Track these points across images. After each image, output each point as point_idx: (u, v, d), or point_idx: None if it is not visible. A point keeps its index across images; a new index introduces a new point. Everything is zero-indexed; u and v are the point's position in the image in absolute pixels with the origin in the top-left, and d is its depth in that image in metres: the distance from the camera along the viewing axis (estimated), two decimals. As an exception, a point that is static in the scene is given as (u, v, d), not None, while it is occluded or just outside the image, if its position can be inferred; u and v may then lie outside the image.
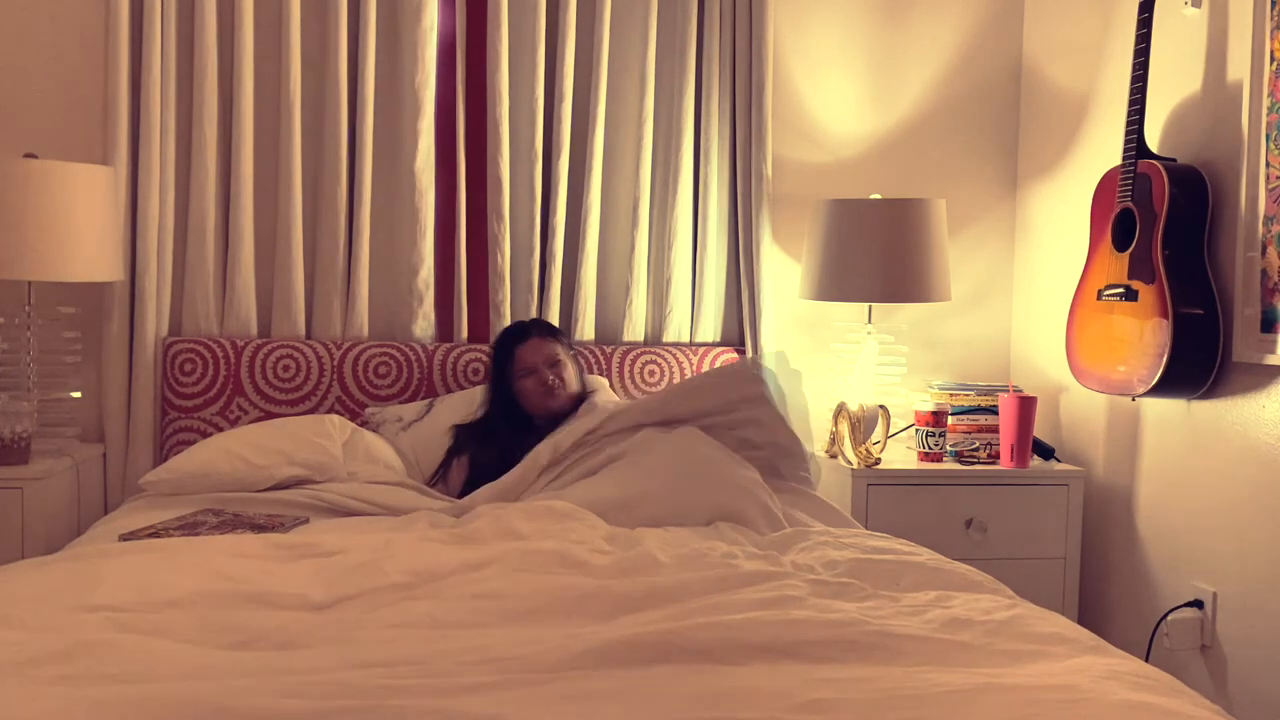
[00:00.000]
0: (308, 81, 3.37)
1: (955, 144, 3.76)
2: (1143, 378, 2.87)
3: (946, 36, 3.74)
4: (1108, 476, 3.33)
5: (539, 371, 3.07)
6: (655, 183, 3.56)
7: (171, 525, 2.55)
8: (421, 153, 3.40)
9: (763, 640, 1.75)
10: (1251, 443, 2.79)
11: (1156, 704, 1.57)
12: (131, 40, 3.26)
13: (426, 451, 3.12)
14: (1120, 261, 2.96)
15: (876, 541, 2.49)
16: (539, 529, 2.42)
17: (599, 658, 1.68)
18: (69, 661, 1.64)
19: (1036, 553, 3.28)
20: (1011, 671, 1.69)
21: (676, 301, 3.54)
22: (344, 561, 2.22)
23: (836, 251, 3.38)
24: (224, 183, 3.35)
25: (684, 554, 2.29)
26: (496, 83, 3.41)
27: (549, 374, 3.07)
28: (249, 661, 1.69)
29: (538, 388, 3.07)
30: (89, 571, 2.07)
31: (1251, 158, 2.75)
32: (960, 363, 3.78)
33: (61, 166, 3.01)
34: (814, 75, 3.69)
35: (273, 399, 3.28)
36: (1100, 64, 3.37)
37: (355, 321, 3.40)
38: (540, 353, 3.09)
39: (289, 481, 2.88)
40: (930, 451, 3.34)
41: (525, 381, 3.08)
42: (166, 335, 3.33)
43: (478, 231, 3.47)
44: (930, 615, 1.94)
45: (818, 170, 3.70)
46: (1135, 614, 3.20)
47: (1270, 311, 2.70)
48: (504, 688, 1.58)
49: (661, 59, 3.54)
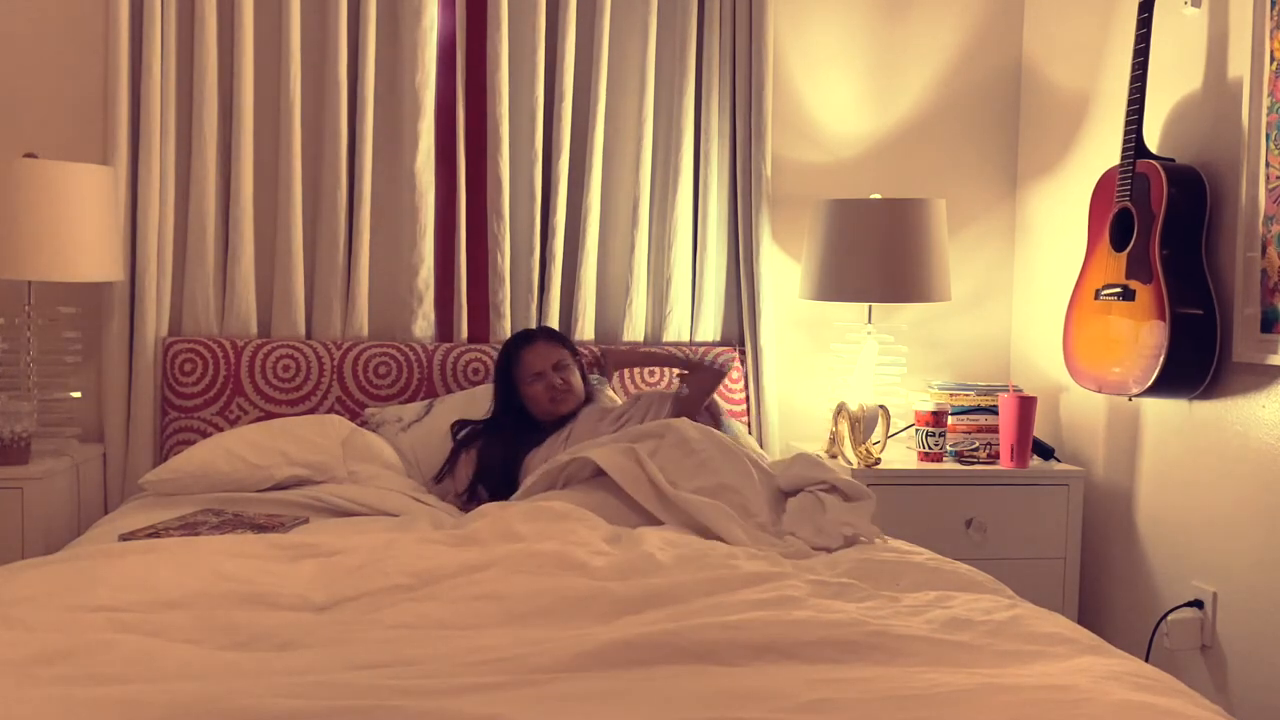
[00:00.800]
0: (308, 81, 3.37)
1: (955, 144, 3.77)
2: (1139, 378, 2.87)
3: (946, 36, 3.74)
4: (1108, 476, 3.33)
5: (547, 376, 3.08)
6: (655, 183, 3.56)
7: (171, 525, 2.55)
8: (421, 153, 3.40)
9: (763, 641, 1.75)
10: (1252, 443, 2.79)
11: (1156, 704, 1.57)
12: (131, 40, 3.26)
13: (427, 452, 3.12)
14: (1118, 261, 2.96)
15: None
16: (539, 530, 2.41)
17: (599, 659, 1.68)
18: (69, 661, 1.64)
19: (1036, 553, 3.28)
20: (1011, 672, 1.69)
21: (676, 301, 3.54)
22: (344, 562, 2.21)
23: (836, 251, 3.38)
24: (224, 183, 3.36)
25: (685, 554, 2.29)
26: (496, 83, 3.41)
27: (556, 378, 3.08)
28: (249, 662, 1.69)
29: (546, 392, 3.07)
30: (89, 571, 2.07)
31: (1251, 157, 2.75)
32: (960, 363, 3.78)
33: (61, 166, 3.01)
34: (814, 75, 3.69)
35: (273, 399, 3.28)
36: (1100, 64, 3.37)
37: (355, 321, 3.40)
38: (547, 358, 3.10)
39: (289, 481, 2.88)
40: (930, 451, 3.34)
41: (533, 386, 3.08)
42: (166, 335, 3.33)
43: (478, 231, 3.47)
44: (930, 615, 1.94)
45: (818, 170, 3.70)
46: (1135, 614, 3.20)
47: (1270, 311, 2.70)
48: (504, 688, 1.58)
49: (661, 59, 3.54)
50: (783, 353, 3.65)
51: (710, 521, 2.52)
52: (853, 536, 2.51)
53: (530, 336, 3.17)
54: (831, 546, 2.47)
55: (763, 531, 2.54)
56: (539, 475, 2.80)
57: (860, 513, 2.59)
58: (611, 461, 2.69)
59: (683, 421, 2.84)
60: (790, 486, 2.72)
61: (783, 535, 2.54)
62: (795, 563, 2.31)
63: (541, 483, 2.78)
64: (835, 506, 2.59)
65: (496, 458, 3.02)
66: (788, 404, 3.65)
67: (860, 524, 2.55)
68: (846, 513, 2.57)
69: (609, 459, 2.69)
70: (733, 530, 2.49)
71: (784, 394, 3.63)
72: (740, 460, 2.73)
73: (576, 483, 2.76)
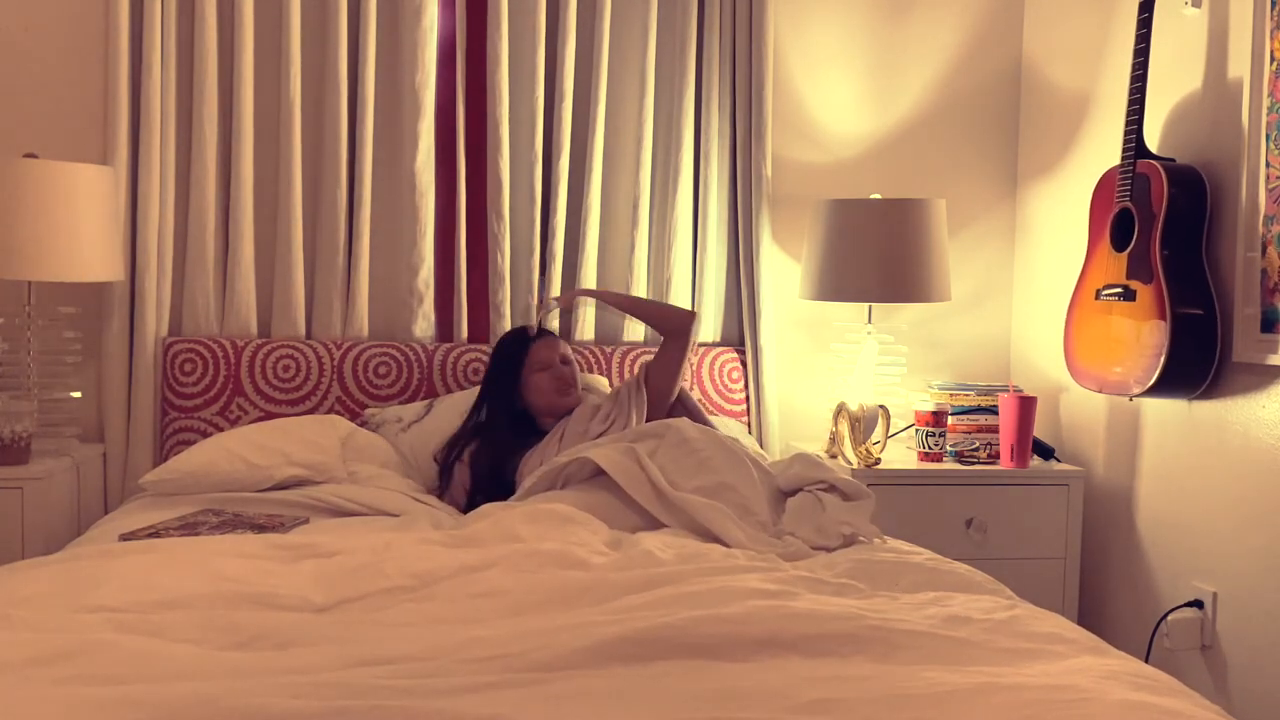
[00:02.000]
0: (308, 81, 3.37)
1: (955, 144, 3.77)
2: (1140, 378, 2.87)
3: (946, 36, 3.74)
4: (1108, 476, 3.33)
5: (554, 366, 3.08)
6: (655, 183, 3.56)
7: (171, 525, 2.55)
8: (421, 153, 3.40)
9: (764, 635, 1.75)
10: (1252, 443, 2.79)
11: (1156, 704, 1.57)
12: (131, 40, 3.26)
13: (426, 452, 3.12)
14: (1119, 261, 2.96)
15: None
16: (539, 532, 2.42)
17: (598, 655, 1.68)
18: (69, 662, 1.64)
19: (1036, 553, 3.28)
20: (1011, 671, 1.69)
21: (676, 301, 3.54)
22: (345, 562, 2.21)
23: (836, 251, 3.38)
24: (224, 183, 3.36)
25: (685, 553, 2.30)
26: (496, 83, 3.41)
27: (565, 370, 3.09)
28: (249, 662, 1.69)
29: (553, 383, 3.07)
30: (89, 571, 2.07)
31: (1251, 157, 2.75)
32: (960, 363, 3.78)
33: (61, 166, 3.01)
34: (814, 75, 3.69)
35: (273, 399, 3.28)
36: (1100, 64, 3.37)
37: (355, 321, 3.40)
38: (555, 350, 3.11)
39: (289, 481, 2.88)
40: (930, 451, 3.34)
41: (540, 375, 3.07)
42: (166, 335, 3.33)
43: (478, 231, 3.47)
44: (929, 612, 1.94)
45: (818, 170, 3.70)
46: (1135, 614, 3.20)
47: (1270, 311, 2.70)
48: (504, 687, 1.58)
49: (661, 59, 3.54)
50: (783, 353, 3.65)
51: (709, 522, 2.52)
52: (851, 536, 2.51)
53: (535, 332, 3.16)
54: (831, 546, 2.47)
55: (762, 531, 2.54)
56: (539, 476, 2.79)
57: (860, 512, 2.59)
58: (612, 462, 2.68)
59: (682, 421, 2.84)
60: (789, 486, 2.72)
61: (782, 535, 2.53)
62: (794, 565, 2.31)
63: (542, 483, 2.77)
64: (835, 506, 2.59)
65: (486, 465, 2.99)
66: (788, 404, 3.65)
67: (860, 523, 2.55)
68: (846, 512, 2.57)
69: (609, 459, 2.69)
70: (731, 531, 2.49)
71: (784, 394, 3.63)
72: (740, 460, 2.73)
73: (576, 482, 2.76)
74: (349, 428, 3.10)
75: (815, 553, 2.44)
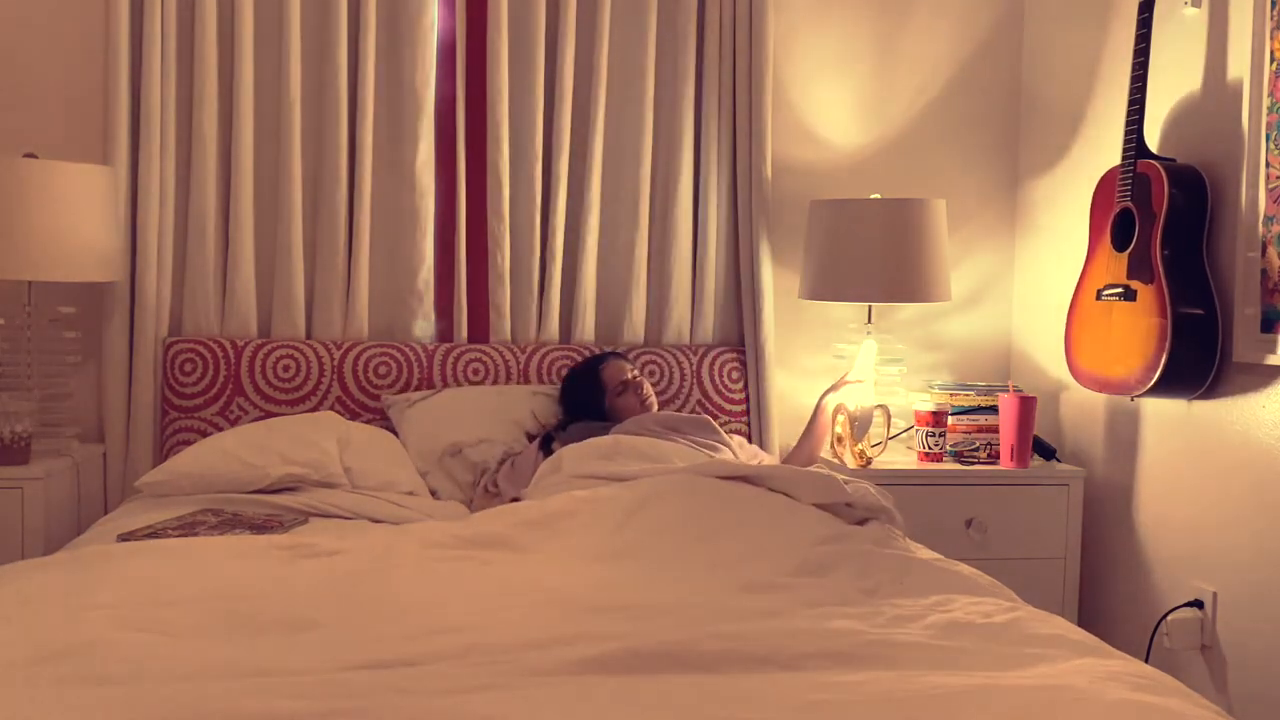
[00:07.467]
0: (308, 81, 3.37)
1: (955, 144, 3.76)
2: (1141, 378, 2.87)
3: (947, 36, 3.74)
4: (1108, 476, 3.33)
5: (633, 386, 3.18)
6: (655, 183, 3.56)
7: (170, 525, 2.55)
8: (421, 153, 3.40)
9: (763, 653, 1.75)
10: (1251, 442, 2.79)
11: (1156, 704, 1.57)
12: (131, 40, 3.26)
13: (434, 425, 3.17)
14: (1119, 261, 2.96)
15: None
16: (541, 537, 2.41)
17: (599, 664, 1.68)
18: (69, 661, 1.64)
19: (1036, 553, 3.28)
20: (1011, 674, 1.69)
21: (676, 301, 3.54)
22: (344, 563, 2.21)
23: (836, 251, 3.38)
24: (224, 183, 3.36)
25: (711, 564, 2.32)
26: (496, 83, 3.41)
27: (642, 387, 3.20)
28: (249, 662, 1.69)
29: (634, 402, 3.17)
30: (89, 571, 2.07)
31: (1251, 157, 2.75)
32: (960, 363, 3.78)
33: (61, 166, 3.01)
34: (814, 75, 3.69)
35: (273, 399, 3.28)
36: (1100, 64, 3.37)
37: (355, 321, 3.40)
38: (625, 370, 3.22)
39: (286, 480, 2.88)
40: (930, 451, 3.34)
41: (624, 397, 3.18)
42: (166, 335, 3.33)
43: (478, 231, 3.47)
44: (930, 620, 1.94)
45: (818, 171, 3.70)
46: (1135, 614, 3.20)
47: (1270, 311, 2.70)
48: (505, 688, 1.58)
49: (661, 59, 3.54)
50: (783, 353, 3.65)
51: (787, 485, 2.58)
52: (876, 507, 2.54)
53: (601, 356, 3.28)
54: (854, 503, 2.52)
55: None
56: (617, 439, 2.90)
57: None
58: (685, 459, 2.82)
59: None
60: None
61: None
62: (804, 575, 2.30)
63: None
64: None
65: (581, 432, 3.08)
66: (788, 404, 3.65)
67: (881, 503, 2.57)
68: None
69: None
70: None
71: (784, 394, 3.63)
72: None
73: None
74: (345, 424, 3.11)
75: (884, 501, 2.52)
